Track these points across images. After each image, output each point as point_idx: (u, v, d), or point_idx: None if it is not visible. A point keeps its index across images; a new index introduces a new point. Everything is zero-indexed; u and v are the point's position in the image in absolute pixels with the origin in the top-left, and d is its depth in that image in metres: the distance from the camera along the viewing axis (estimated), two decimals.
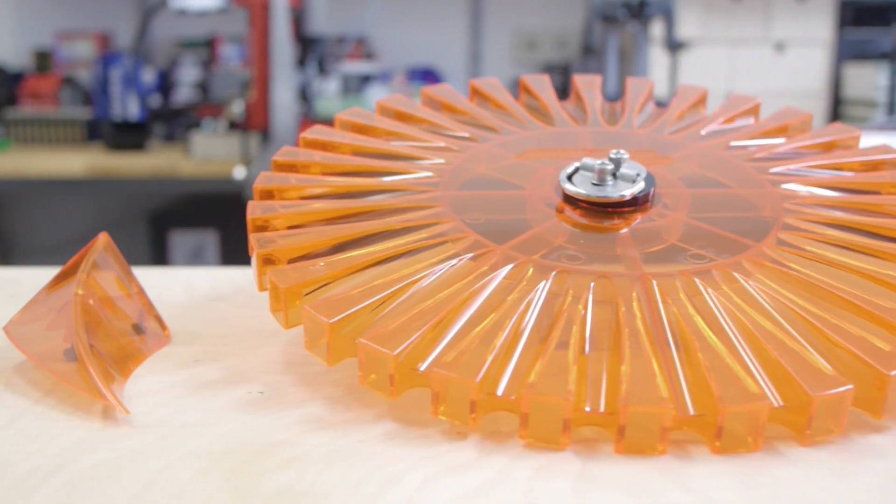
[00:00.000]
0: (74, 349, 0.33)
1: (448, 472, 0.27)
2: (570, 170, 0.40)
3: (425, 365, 0.30)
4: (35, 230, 2.40)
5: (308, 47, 1.77)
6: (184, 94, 2.24)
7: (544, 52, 2.52)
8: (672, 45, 1.73)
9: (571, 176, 0.39)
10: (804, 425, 0.29)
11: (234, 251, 2.09)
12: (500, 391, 0.29)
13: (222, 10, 1.81)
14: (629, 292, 0.33)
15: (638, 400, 0.28)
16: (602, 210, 0.39)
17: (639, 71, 1.80)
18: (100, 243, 0.39)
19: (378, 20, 2.37)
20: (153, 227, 2.22)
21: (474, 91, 0.50)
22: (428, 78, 2.40)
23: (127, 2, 2.43)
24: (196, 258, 2.22)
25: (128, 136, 1.91)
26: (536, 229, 0.37)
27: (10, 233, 2.41)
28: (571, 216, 0.39)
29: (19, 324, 0.37)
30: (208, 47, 2.39)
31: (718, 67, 2.31)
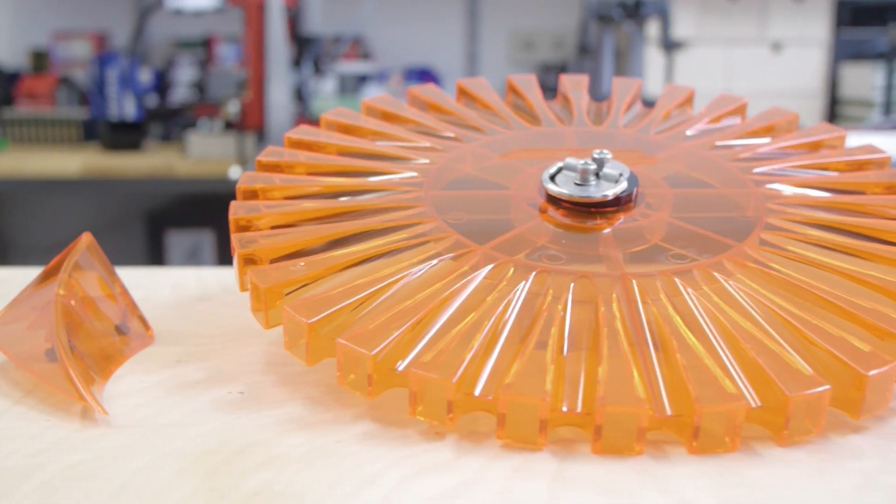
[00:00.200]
0: (55, 350, 0.33)
1: (424, 473, 0.27)
2: (553, 170, 0.40)
3: (403, 365, 0.30)
4: (31, 230, 2.40)
5: (303, 47, 1.77)
6: (180, 94, 2.24)
7: (541, 53, 2.52)
8: (667, 45, 1.73)
9: (554, 176, 0.39)
10: (782, 426, 0.29)
11: (231, 251, 2.09)
12: (478, 391, 0.29)
13: (218, 10, 1.81)
14: (609, 292, 0.33)
15: (615, 400, 0.28)
16: (585, 210, 0.39)
17: (634, 71, 1.80)
18: (83, 243, 0.39)
19: (375, 20, 2.38)
20: (150, 227, 2.22)
21: (461, 91, 0.50)
22: (425, 78, 2.39)
23: (123, 2, 2.43)
24: (193, 258, 2.22)
25: (124, 136, 1.91)
26: (519, 229, 0.37)
27: (7, 233, 2.41)
28: (554, 216, 0.39)
29: (1, 323, 0.37)
30: (205, 47, 2.39)
31: (715, 67, 2.31)
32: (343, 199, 0.39)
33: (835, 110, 2.34)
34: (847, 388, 0.30)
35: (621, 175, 0.39)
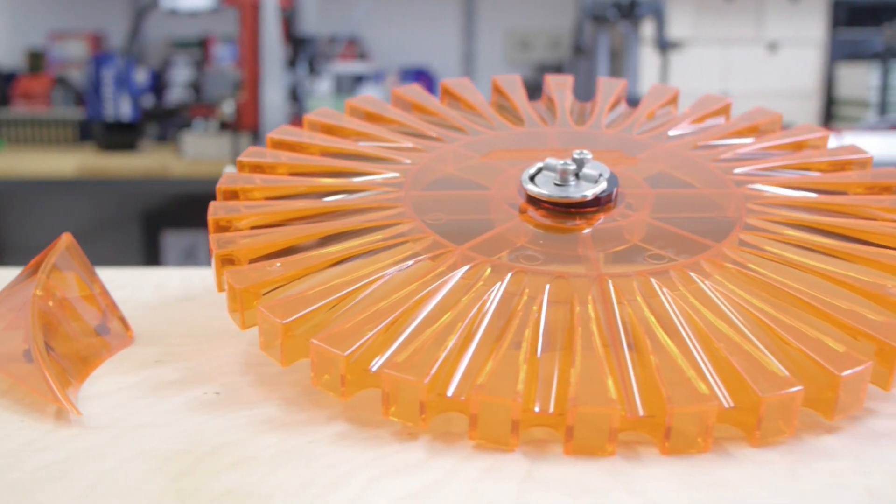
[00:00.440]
0: (31, 351, 0.33)
1: (394, 474, 0.27)
2: (533, 170, 0.40)
3: (377, 365, 0.30)
4: (27, 230, 2.39)
5: (298, 47, 1.77)
6: (177, 95, 2.24)
7: (537, 53, 2.52)
8: (662, 45, 1.73)
9: (534, 176, 0.39)
10: (754, 426, 0.29)
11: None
12: (451, 392, 0.29)
13: (213, 11, 1.81)
14: (585, 293, 0.33)
15: (586, 400, 0.28)
16: (565, 210, 0.38)
17: (630, 71, 1.80)
18: (62, 243, 0.39)
19: (371, 20, 2.37)
20: (146, 228, 2.22)
21: (445, 91, 0.50)
22: (421, 78, 2.39)
23: (120, 2, 2.42)
24: (189, 258, 2.22)
25: (119, 137, 1.91)
26: (498, 230, 0.37)
27: (2, 233, 2.41)
28: (534, 217, 0.39)
29: None
30: (201, 47, 2.39)
31: (711, 67, 2.31)
32: (323, 200, 0.39)
33: (831, 110, 2.34)
34: (821, 389, 0.30)
35: (601, 175, 0.39)
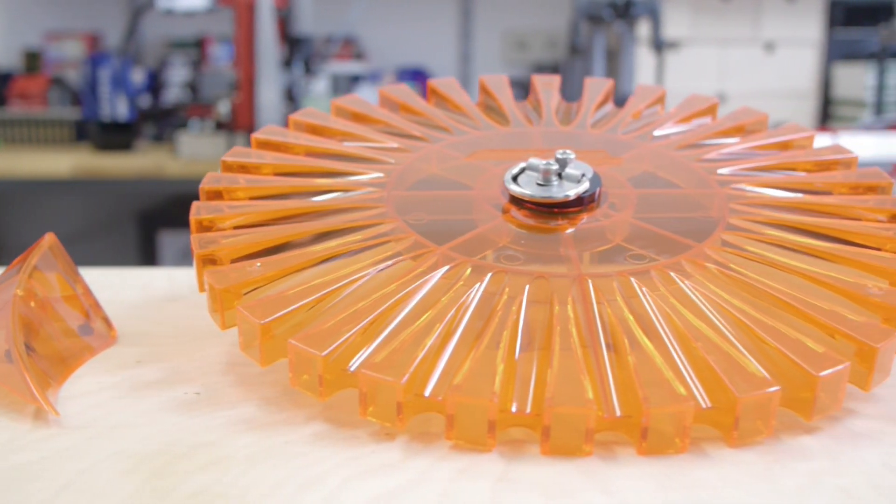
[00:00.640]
0: (10, 351, 0.33)
1: (369, 474, 0.27)
2: (516, 170, 0.39)
3: (354, 365, 0.30)
4: (23, 230, 2.39)
5: (294, 47, 1.77)
6: (173, 95, 2.24)
7: (535, 53, 2.52)
8: (658, 45, 1.73)
9: (517, 176, 0.39)
10: (731, 426, 0.29)
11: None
12: (428, 392, 0.29)
13: (209, 11, 1.80)
14: (565, 293, 0.33)
15: (562, 401, 0.28)
16: (547, 210, 0.38)
17: (626, 71, 1.80)
18: (45, 243, 0.39)
19: (368, 20, 2.37)
20: (142, 228, 2.22)
21: (432, 91, 0.49)
22: (418, 78, 2.39)
23: (116, 2, 2.42)
24: (186, 258, 2.22)
25: (115, 137, 1.91)
26: (480, 230, 0.37)
27: None
28: (517, 216, 0.38)
29: None
30: (198, 47, 2.39)
31: (708, 67, 2.31)
32: (306, 200, 0.39)
33: (827, 110, 2.34)
34: (799, 389, 0.30)
35: (584, 175, 0.39)
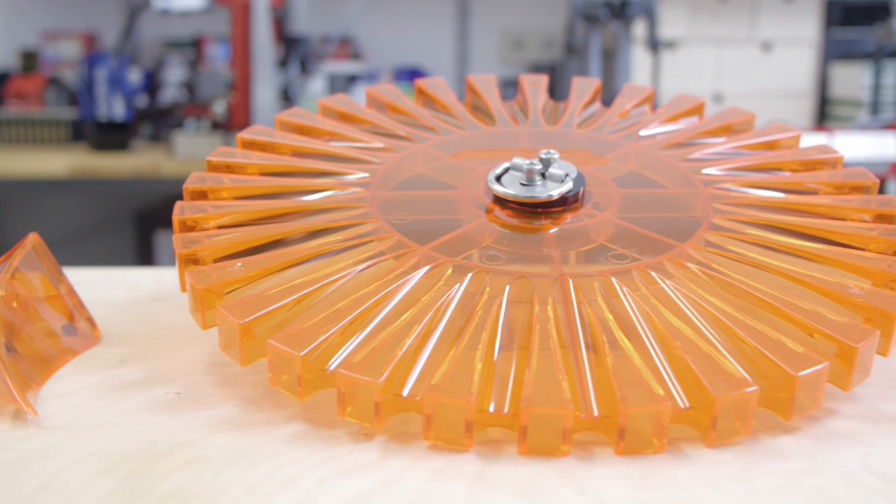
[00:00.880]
0: None
1: (345, 474, 0.27)
2: (500, 170, 0.39)
3: (333, 365, 0.30)
4: (19, 230, 2.39)
5: (290, 47, 1.77)
6: (170, 95, 2.24)
7: (532, 52, 2.52)
8: (653, 45, 1.73)
9: (501, 176, 0.39)
10: (709, 427, 0.29)
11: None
12: (406, 392, 0.29)
13: (205, 11, 1.80)
14: (546, 293, 0.33)
15: (539, 401, 0.28)
16: (531, 210, 0.38)
17: (622, 71, 1.80)
18: (28, 243, 0.39)
19: (365, 20, 2.37)
20: (138, 228, 2.22)
21: (419, 91, 0.49)
22: (415, 78, 2.39)
23: (113, 2, 2.42)
24: None
25: (111, 137, 1.91)
26: (462, 230, 0.37)
27: None
28: (500, 216, 0.38)
29: None
30: (195, 47, 2.39)
31: (705, 67, 2.30)
32: (290, 200, 0.39)
33: (825, 110, 2.34)
34: (778, 389, 0.30)
35: (567, 175, 0.39)
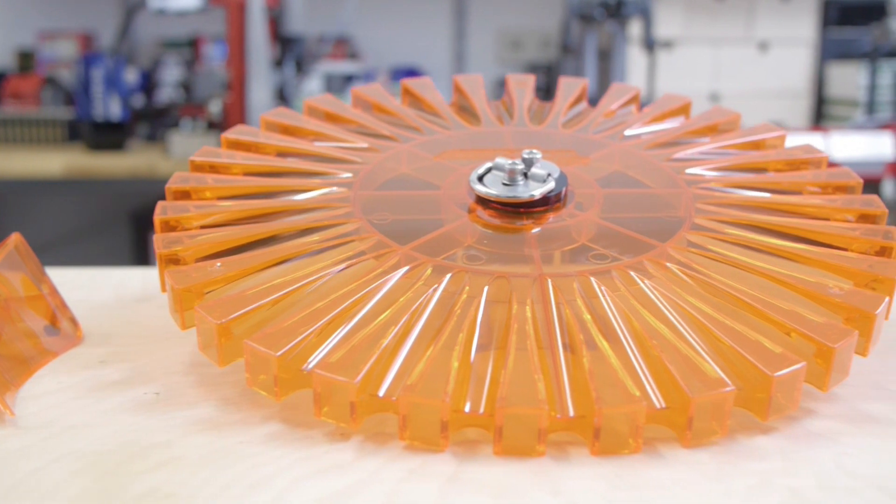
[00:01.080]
0: None
1: (319, 474, 0.27)
2: (482, 170, 0.39)
3: (310, 365, 0.30)
4: (15, 230, 2.39)
5: (286, 47, 1.77)
6: (167, 94, 2.24)
7: (529, 52, 2.52)
8: (649, 44, 1.73)
9: (483, 176, 0.39)
10: (685, 427, 0.29)
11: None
12: (382, 392, 0.29)
13: (201, 10, 1.80)
14: (525, 293, 0.33)
15: (514, 401, 0.28)
16: (513, 210, 0.38)
17: (617, 71, 1.80)
18: (10, 243, 0.39)
19: (362, 20, 2.37)
20: (134, 227, 2.22)
21: (405, 91, 0.49)
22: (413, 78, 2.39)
23: (109, 2, 2.42)
24: None
25: (107, 137, 1.91)
26: (444, 230, 0.37)
27: None
28: (482, 216, 0.38)
29: None
30: (191, 47, 2.39)
31: (701, 67, 2.31)
32: (273, 200, 0.39)
33: (821, 110, 2.34)
34: (754, 389, 0.30)
35: (550, 175, 0.39)
